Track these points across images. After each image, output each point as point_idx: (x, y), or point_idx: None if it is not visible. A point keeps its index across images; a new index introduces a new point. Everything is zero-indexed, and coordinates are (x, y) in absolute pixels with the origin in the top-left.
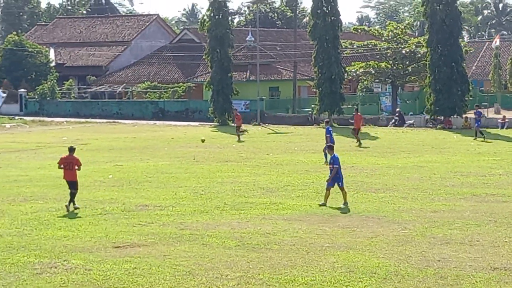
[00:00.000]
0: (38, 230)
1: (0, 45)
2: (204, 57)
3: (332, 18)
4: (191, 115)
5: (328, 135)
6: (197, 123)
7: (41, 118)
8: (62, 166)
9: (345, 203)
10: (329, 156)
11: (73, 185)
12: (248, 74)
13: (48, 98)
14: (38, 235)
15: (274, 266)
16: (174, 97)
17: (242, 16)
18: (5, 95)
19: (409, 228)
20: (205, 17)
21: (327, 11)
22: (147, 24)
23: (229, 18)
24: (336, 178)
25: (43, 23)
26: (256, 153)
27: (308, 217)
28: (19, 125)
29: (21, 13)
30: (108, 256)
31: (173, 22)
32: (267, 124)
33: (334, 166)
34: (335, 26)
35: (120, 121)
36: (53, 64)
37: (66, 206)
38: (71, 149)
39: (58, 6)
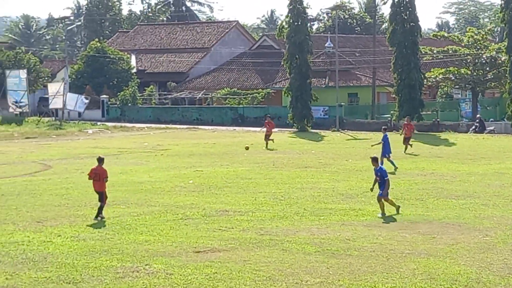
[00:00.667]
0: (120, 235)
1: (83, 51)
2: (283, 63)
3: (411, 24)
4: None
5: (384, 142)
6: (276, 129)
7: (123, 124)
8: (91, 178)
9: (383, 214)
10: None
11: (100, 196)
12: (327, 80)
13: (129, 104)
14: (120, 240)
15: (354, 272)
16: (253, 103)
17: (321, 23)
18: (87, 101)
19: (490, 235)
20: (284, 24)
21: (406, 17)
22: (227, 30)
23: (308, 24)
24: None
25: (125, 30)
26: (335, 159)
27: (387, 224)
28: (101, 131)
29: (103, 20)
30: (189, 261)
31: (252, 28)
32: (346, 130)
33: (385, 178)
34: (414, 32)
35: (200, 127)
36: (134, 70)
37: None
38: (100, 160)
39: (139, 13)
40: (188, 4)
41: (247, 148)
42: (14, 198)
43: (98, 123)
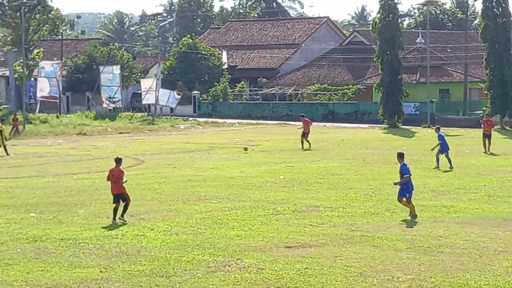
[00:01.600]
0: (212, 229)
1: (175, 48)
2: (374, 59)
3: (504, 19)
4: (361, 117)
5: (441, 141)
6: (366, 125)
7: (214, 120)
8: (109, 179)
9: (413, 215)
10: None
11: (122, 198)
12: (418, 76)
13: (220, 100)
14: (212, 234)
15: (446, 269)
16: (344, 99)
17: (412, 18)
18: (179, 97)
19: None
20: (376, 20)
21: (498, 13)
22: (317, 26)
23: (399, 20)
24: (403, 189)
25: (216, 26)
26: (426, 155)
27: (480, 221)
28: (192, 126)
29: (195, 17)
30: (280, 256)
31: (343, 25)
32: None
33: (405, 176)
34: (506, 28)
35: (290, 122)
36: (225, 66)
37: (115, 219)
38: (117, 161)
39: (231, 10)
40: (279, 0)
41: (246, 149)
42: (108, 192)
43: (190, 118)
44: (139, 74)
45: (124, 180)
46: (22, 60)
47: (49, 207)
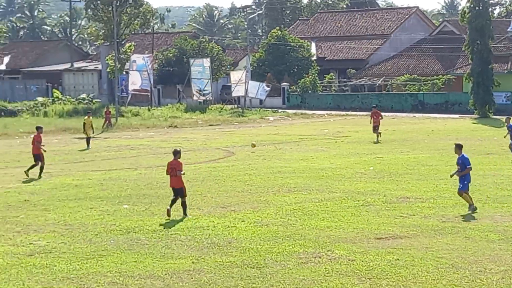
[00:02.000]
0: (302, 220)
1: (264, 40)
2: (463, 49)
3: None
4: (451, 107)
5: (511, 131)
6: (456, 116)
7: (303, 111)
8: (168, 173)
9: (472, 207)
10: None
11: (179, 192)
12: (509, 65)
13: (309, 92)
14: (302, 225)
15: None
16: (434, 90)
17: (503, 7)
18: (268, 88)
19: None
20: (465, 9)
21: None
22: (407, 17)
23: (490, 9)
24: (463, 182)
25: (305, 17)
26: None
27: None
28: (282, 118)
29: (283, 9)
30: (370, 247)
31: (432, 14)
32: None
33: (467, 167)
34: None
35: None
36: (314, 58)
37: (169, 212)
38: (175, 153)
39: (319, 1)
40: None
41: (253, 146)
42: (199, 184)
43: (279, 110)
44: (228, 66)
45: (182, 172)
46: (114, 54)
47: (142, 199)
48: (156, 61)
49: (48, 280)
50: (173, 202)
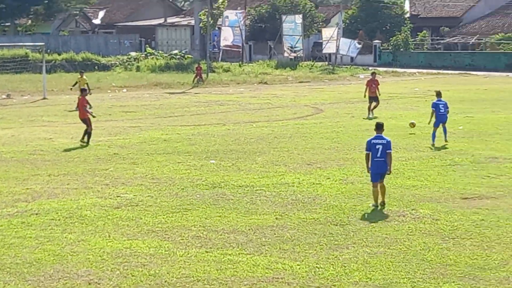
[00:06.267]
0: (388, 179)
1: None
2: None
3: None
4: None
5: None
6: None
7: (394, 69)
8: None
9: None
10: None
11: None
12: None
13: (401, 49)
14: (387, 184)
15: None
16: None
17: None
18: (360, 46)
19: None
20: None
21: None
22: None
23: None
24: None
25: None
26: None
27: None
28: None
29: None
30: (455, 207)
31: None
32: None
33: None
34: None
35: (472, 72)
36: (407, 15)
37: None
38: (378, 127)
39: None
40: None
41: (413, 126)
42: (286, 140)
43: (370, 68)
44: (320, 23)
45: None
46: (207, 9)
47: (229, 155)
48: (249, 17)
49: (134, 233)
50: None
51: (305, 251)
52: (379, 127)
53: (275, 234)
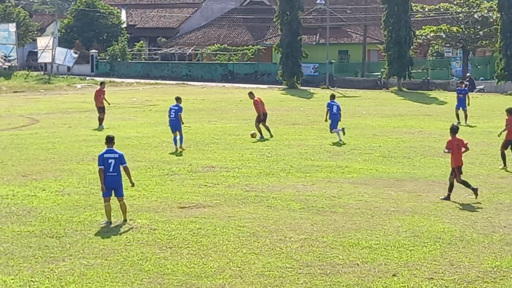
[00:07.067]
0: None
1: (73, 6)
2: (274, 19)
3: None
4: (260, 77)
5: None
6: (265, 86)
7: (112, 79)
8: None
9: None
10: None
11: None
12: (317, 37)
13: (118, 59)
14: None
15: (338, 229)
16: (244, 60)
17: None
18: (76, 55)
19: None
20: None
21: None
22: None
23: None
24: None
25: None
26: (323, 116)
27: (374, 181)
28: (89, 86)
29: None
30: (173, 216)
31: None
32: (335, 88)
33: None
34: None
35: (189, 82)
36: (124, 25)
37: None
38: (109, 140)
39: None
40: None
41: (253, 136)
42: (0, 151)
43: (87, 78)
44: (35, 32)
45: None
46: None
47: None
48: None
49: None
50: None
51: (19, 265)
52: (110, 140)
53: None
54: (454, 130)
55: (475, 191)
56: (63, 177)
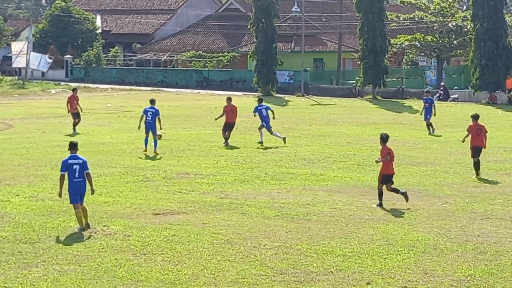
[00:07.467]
0: None
1: (48, 11)
2: (249, 27)
3: None
4: (235, 84)
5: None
6: (240, 93)
7: (86, 85)
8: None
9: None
10: None
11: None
12: (293, 45)
13: (93, 65)
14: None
15: (312, 236)
16: (219, 67)
17: None
18: (51, 60)
19: (449, 203)
20: None
21: None
22: None
23: None
24: None
25: None
26: (298, 124)
27: (348, 189)
28: (64, 91)
29: None
30: (147, 223)
31: None
32: (310, 96)
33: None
34: None
35: (164, 89)
36: (99, 31)
37: None
38: (72, 147)
39: None
40: None
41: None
42: None
43: (62, 83)
44: (10, 37)
45: None
46: None
47: None
48: None
49: None
50: None
51: None
52: (73, 146)
53: None
54: (384, 139)
55: (404, 195)
56: (37, 183)
